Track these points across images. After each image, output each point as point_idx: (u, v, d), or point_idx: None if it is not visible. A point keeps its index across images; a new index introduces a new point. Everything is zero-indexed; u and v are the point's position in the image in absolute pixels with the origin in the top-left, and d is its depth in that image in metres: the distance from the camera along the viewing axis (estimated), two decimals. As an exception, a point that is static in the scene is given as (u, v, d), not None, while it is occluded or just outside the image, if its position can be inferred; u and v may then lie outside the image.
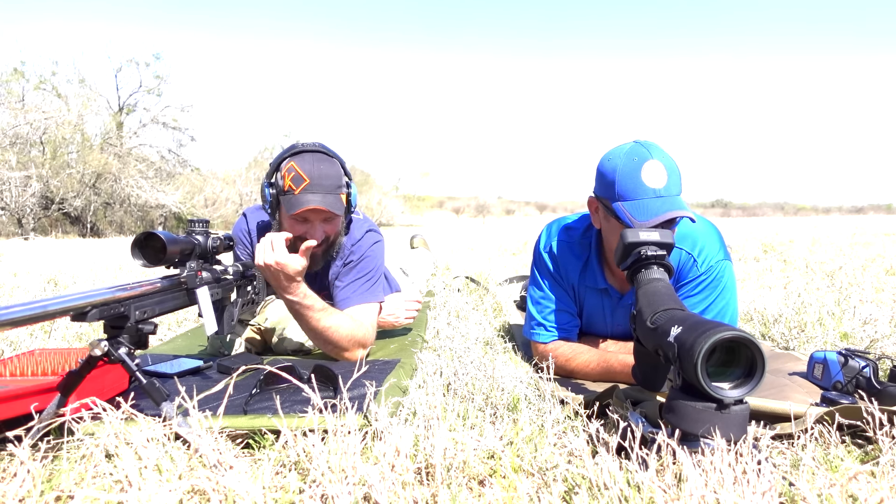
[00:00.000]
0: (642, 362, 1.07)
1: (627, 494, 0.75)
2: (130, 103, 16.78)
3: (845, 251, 4.68)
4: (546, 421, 1.02)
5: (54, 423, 0.94)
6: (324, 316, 1.44)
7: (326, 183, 1.42)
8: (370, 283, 1.63)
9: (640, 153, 1.21)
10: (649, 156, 1.20)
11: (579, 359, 1.38)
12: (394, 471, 0.78)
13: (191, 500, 0.77)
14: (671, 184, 1.20)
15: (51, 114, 13.63)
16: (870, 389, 1.13)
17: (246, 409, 1.06)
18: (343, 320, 1.48)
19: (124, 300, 0.98)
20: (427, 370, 1.31)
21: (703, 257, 1.33)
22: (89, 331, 1.94)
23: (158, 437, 0.85)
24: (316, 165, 1.43)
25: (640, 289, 1.05)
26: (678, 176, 1.22)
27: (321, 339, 1.47)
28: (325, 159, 1.45)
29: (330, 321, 1.45)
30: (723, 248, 1.36)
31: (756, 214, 51.48)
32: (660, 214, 1.17)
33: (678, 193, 1.22)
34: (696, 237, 1.34)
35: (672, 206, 1.18)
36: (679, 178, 1.22)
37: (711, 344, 0.78)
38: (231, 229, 1.70)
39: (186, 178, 17.69)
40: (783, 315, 1.93)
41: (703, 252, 1.33)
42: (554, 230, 1.51)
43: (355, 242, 1.64)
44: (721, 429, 0.80)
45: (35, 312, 0.80)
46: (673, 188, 1.20)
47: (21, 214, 12.97)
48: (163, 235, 1.09)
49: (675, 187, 1.21)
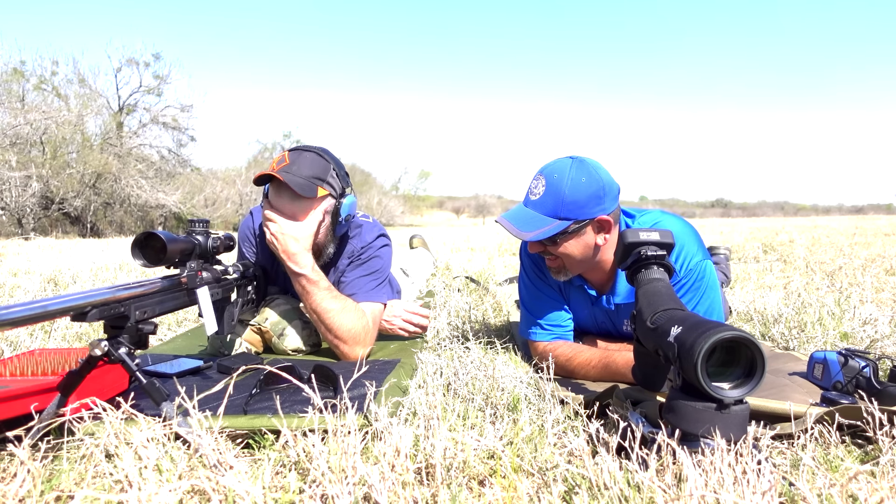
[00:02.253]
0: (642, 362, 1.08)
1: (627, 494, 0.75)
2: (130, 103, 16.79)
3: (845, 251, 4.67)
4: (546, 421, 1.02)
5: (54, 423, 0.94)
6: (328, 296, 1.46)
7: (303, 168, 1.43)
8: (376, 282, 1.63)
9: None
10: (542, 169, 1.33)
11: (580, 358, 1.39)
12: (394, 471, 0.78)
13: (191, 500, 0.77)
14: (542, 200, 1.29)
15: (51, 114, 13.62)
16: (870, 389, 1.13)
17: (246, 409, 1.06)
18: (347, 307, 1.49)
19: (124, 300, 0.98)
20: (427, 370, 1.31)
21: (682, 260, 1.33)
22: (89, 331, 1.94)
23: (158, 437, 0.85)
24: (302, 154, 1.45)
25: (640, 289, 1.05)
26: (555, 197, 1.27)
27: (322, 323, 1.47)
28: (315, 156, 1.47)
29: (334, 304, 1.46)
30: (701, 247, 1.36)
31: (756, 214, 51.48)
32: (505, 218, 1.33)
33: (544, 212, 1.28)
34: (675, 240, 1.34)
35: (513, 219, 1.31)
36: (557, 199, 1.27)
37: (711, 344, 0.78)
38: (231, 229, 1.70)
39: (186, 178, 17.69)
40: (783, 315, 1.93)
41: (682, 254, 1.33)
42: None
43: (366, 245, 1.64)
44: (721, 429, 0.80)
45: (35, 312, 0.80)
46: (540, 206, 1.29)
47: (21, 214, 12.97)
48: (163, 235, 1.10)
49: (545, 206, 1.28)
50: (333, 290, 1.49)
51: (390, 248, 1.72)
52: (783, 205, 72.46)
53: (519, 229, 1.28)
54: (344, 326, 1.47)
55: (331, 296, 1.47)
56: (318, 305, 1.45)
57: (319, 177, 1.45)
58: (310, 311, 1.48)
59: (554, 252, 1.33)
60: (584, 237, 1.31)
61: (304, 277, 1.44)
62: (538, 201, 1.29)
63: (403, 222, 32.13)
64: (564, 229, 1.26)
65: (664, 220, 1.40)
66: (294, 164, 1.42)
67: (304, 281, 1.45)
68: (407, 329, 1.75)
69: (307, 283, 1.45)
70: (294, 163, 1.42)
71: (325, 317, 1.46)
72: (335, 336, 1.48)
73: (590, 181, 1.27)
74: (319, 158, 1.47)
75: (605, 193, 1.28)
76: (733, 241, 6.32)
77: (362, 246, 1.64)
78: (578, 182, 1.26)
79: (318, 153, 1.48)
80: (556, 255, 1.33)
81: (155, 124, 16.92)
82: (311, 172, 1.43)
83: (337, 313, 1.46)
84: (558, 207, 1.26)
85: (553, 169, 1.30)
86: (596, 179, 1.27)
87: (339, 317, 1.46)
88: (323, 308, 1.45)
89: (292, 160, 1.42)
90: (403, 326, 1.74)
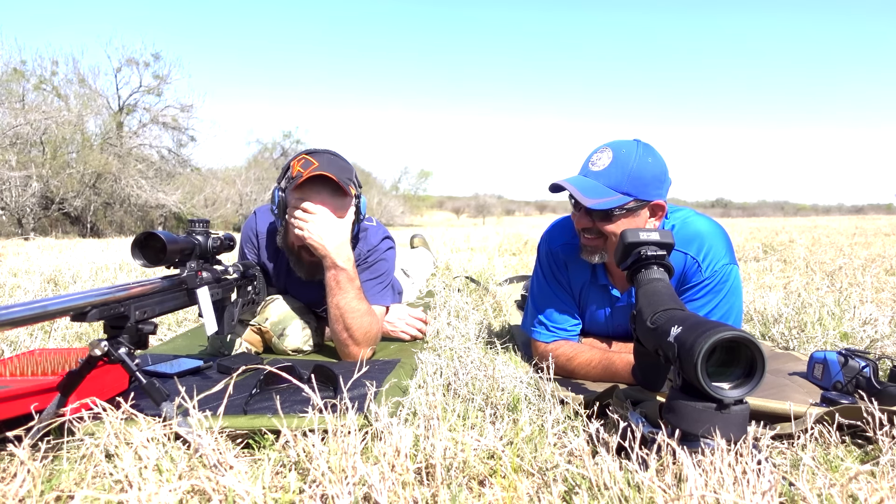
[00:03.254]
0: (642, 362, 1.08)
1: (627, 494, 0.75)
2: (130, 103, 16.75)
3: (845, 251, 4.67)
4: (546, 421, 1.02)
5: (54, 423, 0.93)
6: (358, 296, 1.47)
7: (335, 168, 1.44)
8: (382, 286, 1.65)
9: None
10: (604, 146, 1.30)
11: (580, 358, 1.38)
12: (394, 471, 0.78)
13: (191, 500, 0.77)
14: (606, 171, 1.25)
15: (51, 114, 13.60)
16: (870, 389, 1.13)
17: (246, 409, 1.06)
18: (370, 310, 1.50)
19: (124, 300, 0.98)
20: (427, 370, 1.31)
21: (708, 261, 1.31)
22: (89, 331, 1.94)
23: (158, 437, 0.85)
24: (327, 157, 1.47)
25: (640, 289, 1.05)
26: (622, 170, 1.24)
27: (343, 321, 1.46)
28: (337, 157, 1.50)
29: (361, 305, 1.47)
30: (729, 251, 1.35)
31: (756, 214, 51.53)
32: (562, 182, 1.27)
33: (607, 184, 1.25)
34: (703, 240, 1.32)
35: (576, 184, 1.26)
36: (623, 172, 1.24)
37: (711, 344, 0.78)
38: (231, 229, 1.71)
39: (186, 178, 17.66)
40: (783, 315, 1.93)
41: (709, 256, 1.31)
42: (558, 230, 1.51)
43: (372, 248, 1.66)
44: (721, 429, 0.80)
45: (35, 312, 0.80)
46: (604, 177, 1.25)
47: (21, 214, 12.96)
48: (163, 235, 1.10)
49: (609, 177, 1.25)
50: (361, 290, 1.50)
51: (395, 251, 1.73)
52: (783, 205, 72.50)
53: (583, 195, 1.24)
54: (363, 328, 1.48)
55: (360, 296, 1.48)
56: (348, 304, 1.45)
57: (349, 175, 1.49)
58: (334, 307, 1.47)
59: (603, 228, 1.28)
60: (638, 219, 1.28)
61: (345, 273, 1.45)
62: (602, 172, 1.26)
63: (403, 222, 32.12)
64: (625, 204, 1.24)
65: (694, 219, 1.37)
66: (324, 164, 1.43)
67: (343, 277, 1.45)
68: (408, 332, 1.78)
69: (345, 280, 1.45)
70: (324, 163, 1.44)
71: (349, 316, 1.46)
72: (350, 336, 1.48)
73: (655, 163, 1.26)
74: (341, 159, 1.50)
75: (665, 179, 1.28)
76: (733, 241, 6.29)
77: (368, 249, 1.65)
78: (645, 161, 1.25)
79: (336, 155, 1.51)
80: (604, 232, 1.28)
81: (155, 124, 16.90)
82: (342, 172, 1.45)
83: (361, 315, 1.47)
84: (622, 181, 1.24)
85: (620, 144, 1.28)
86: (661, 163, 1.28)
87: (362, 319, 1.47)
88: (351, 307, 1.45)
89: (320, 161, 1.44)
90: (406, 330, 1.78)
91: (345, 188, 1.43)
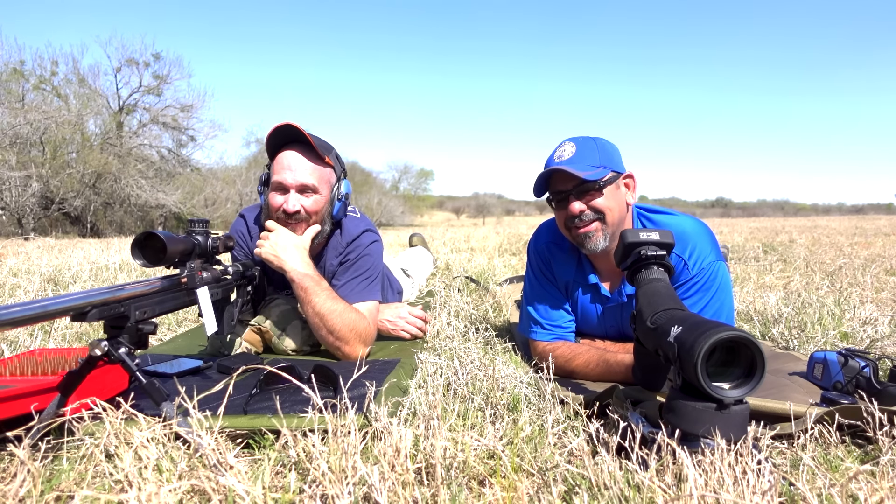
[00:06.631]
0: (642, 362, 1.08)
1: (627, 494, 0.75)
2: (130, 103, 16.75)
3: (845, 251, 4.67)
4: (546, 421, 1.02)
5: (54, 423, 0.93)
6: (328, 298, 1.47)
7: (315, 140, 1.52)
8: (368, 282, 1.64)
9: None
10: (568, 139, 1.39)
11: (579, 359, 1.38)
12: (394, 471, 0.78)
13: (191, 501, 0.77)
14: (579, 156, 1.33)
15: (51, 114, 13.60)
16: (870, 389, 1.13)
17: (246, 409, 1.06)
18: (346, 308, 1.50)
19: (124, 300, 0.98)
20: (427, 370, 1.31)
21: (694, 259, 1.33)
22: (89, 331, 1.94)
23: (158, 437, 0.85)
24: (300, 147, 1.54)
25: (640, 289, 1.05)
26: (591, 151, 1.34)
27: (323, 326, 1.47)
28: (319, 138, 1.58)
29: (334, 305, 1.47)
30: (714, 248, 1.36)
31: (756, 214, 51.47)
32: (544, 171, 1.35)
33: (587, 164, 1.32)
34: (688, 239, 1.34)
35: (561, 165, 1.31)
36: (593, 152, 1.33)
37: (711, 344, 0.78)
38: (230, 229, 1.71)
39: (186, 178, 17.66)
40: (783, 315, 1.93)
41: (695, 254, 1.33)
42: (544, 230, 1.54)
43: (352, 240, 1.65)
44: (721, 429, 0.80)
45: (35, 312, 0.80)
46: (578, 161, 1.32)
47: (21, 214, 12.96)
48: (163, 235, 1.10)
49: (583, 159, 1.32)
50: (332, 291, 1.51)
51: (379, 244, 1.72)
52: (783, 205, 72.47)
53: (576, 170, 1.29)
54: (347, 325, 1.47)
55: (333, 296, 1.49)
56: (322, 306, 1.45)
57: (326, 148, 1.56)
58: (311, 315, 1.48)
59: (597, 206, 1.32)
60: (620, 191, 1.36)
61: (308, 277, 1.46)
62: (574, 158, 1.33)
63: (403, 222, 32.12)
64: (606, 176, 1.32)
65: (678, 219, 1.40)
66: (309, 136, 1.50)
67: (308, 282, 1.46)
68: (409, 331, 1.78)
69: (312, 284, 1.46)
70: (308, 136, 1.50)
71: (328, 318, 1.46)
72: (337, 338, 1.48)
73: (609, 144, 1.39)
74: (323, 140, 1.58)
75: (620, 157, 1.39)
76: (733, 241, 6.31)
77: (348, 241, 1.65)
78: (604, 142, 1.38)
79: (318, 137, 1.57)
80: (600, 209, 1.32)
81: (155, 124, 16.90)
82: (318, 140, 1.53)
83: (340, 313, 1.47)
84: (596, 159, 1.33)
85: (576, 137, 1.39)
86: (612, 144, 1.40)
87: (342, 317, 1.47)
88: (328, 309, 1.46)
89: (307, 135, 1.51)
90: (406, 328, 1.78)
91: (317, 149, 1.50)
